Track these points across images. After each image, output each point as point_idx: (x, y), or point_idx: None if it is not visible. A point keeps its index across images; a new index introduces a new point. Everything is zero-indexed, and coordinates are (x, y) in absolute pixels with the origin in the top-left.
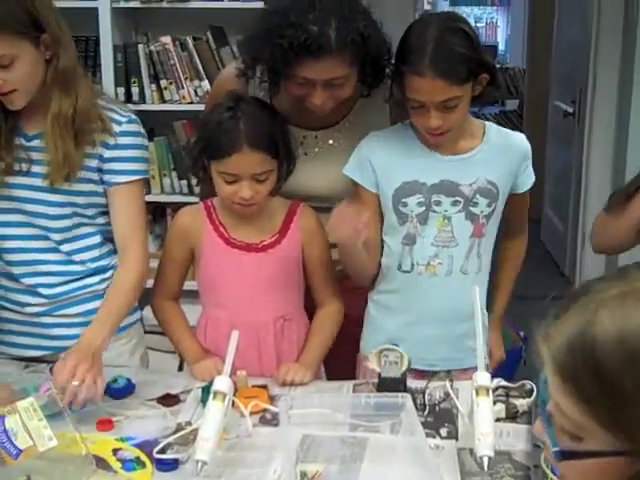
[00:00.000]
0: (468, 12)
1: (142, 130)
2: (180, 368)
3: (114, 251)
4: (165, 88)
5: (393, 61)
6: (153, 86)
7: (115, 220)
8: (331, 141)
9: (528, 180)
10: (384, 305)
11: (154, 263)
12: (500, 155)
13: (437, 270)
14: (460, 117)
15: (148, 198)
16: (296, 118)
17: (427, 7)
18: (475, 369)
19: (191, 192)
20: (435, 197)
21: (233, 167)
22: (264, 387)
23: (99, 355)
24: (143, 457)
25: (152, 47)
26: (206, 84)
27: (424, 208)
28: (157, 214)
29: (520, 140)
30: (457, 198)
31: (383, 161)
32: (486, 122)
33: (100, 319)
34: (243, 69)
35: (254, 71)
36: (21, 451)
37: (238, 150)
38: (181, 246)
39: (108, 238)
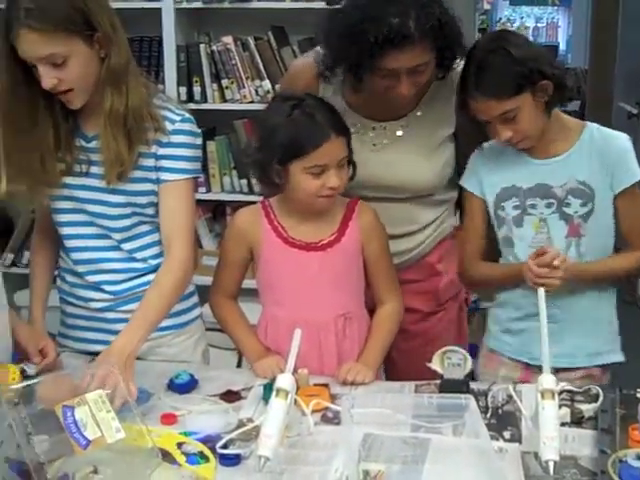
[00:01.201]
0: (528, 12)
1: (196, 130)
2: (239, 365)
3: None
4: (226, 87)
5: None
6: (214, 85)
7: (162, 218)
8: (399, 132)
9: (625, 179)
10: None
11: (212, 261)
12: (594, 155)
13: None
14: (530, 125)
15: (208, 196)
16: (365, 110)
17: (487, 7)
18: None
19: (251, 191)
20: (530, 200)
21: (323, 157)
22: (325, 386)
23: (132, 360)
24: (206, 451)
25: (214, 47)
26: (267, 84)
27: (519, 211)
28: (217, 213)
29: (618, 139)
30: (550, 200)
31: (487, 168)
32: (588, 123)
33: (134, 323)
34: (322, 70)
35: (334, 71)
36: (90, 442)
37: (327, 139)
38: (239, 246)
39: None
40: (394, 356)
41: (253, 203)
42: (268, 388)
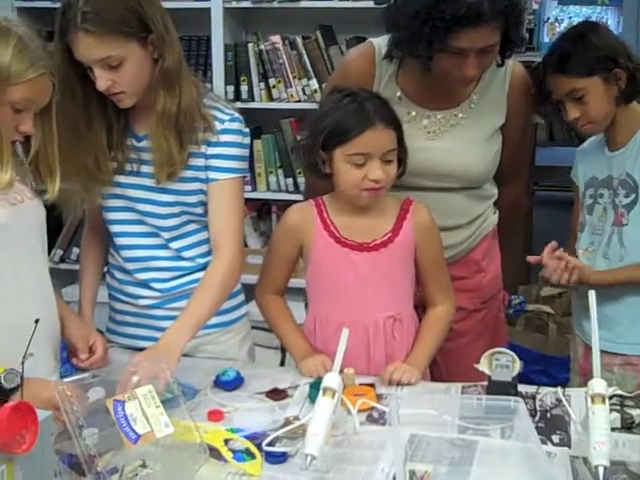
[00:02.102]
0: (577, 11)
1: (244, 129)
2: (282, 363)
3: None
4: (273, 86)
5: None
6: (262, 84)
7: (210, 217)
8: (453, 121)
9: None
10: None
11: (257, 260)
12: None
13: (590, 255)
14: (596, 109)
15: (254, 195)
16: (420, 98)
17: (535, 7)
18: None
19: (297, 190)
20: (600, 190)
21: (365, 145)
22: (371, 385)
23: (177, 355)
24: (253, 448)
25: (262, 46)
26: (314, 83)
27: (592, 200)
28: (262, 211)
29: None
30: (611, 190)
31: (583, 160)
32: None
33: (182, 320)
34: (389, 50)
35: (403, 50)
36: (140, 436)
37: (370, 126)
38: (289, 243)
39: None
40: (436, 355)
41: (298, 202)
42: (314, 387)
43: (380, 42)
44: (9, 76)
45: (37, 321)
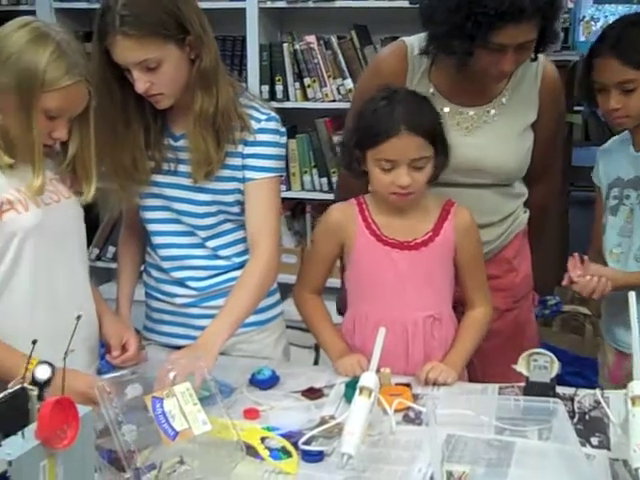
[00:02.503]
0: (613, 10)
1: (281, 128)
2: (316, 362)
3: None
4: (308, 86)
5: None
6: (297, 84)
7: (248, 216)
8: (486, 117)
9: None
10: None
11: (291, 259)
12: None
13: (619, 257)
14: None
15: (288, 195)
16: (453, 95)
17: (570, 5)
18: None
19: (331, 189)
20: (626, 191)
21: (391, 152)
22: (407, 386)
23: (215, 353)
24: (289, 447)
25: (297, 46)
26: (349, 82)
27: (617, 201)
28: (296, 211)
29: None
30: (639, 191)
31: (605, 159)
32: None
33: (220, 319)
34: (425, 46)
35: (440, 45)
36: (178, 433)
37: (396, 133)
38: (330, 241)
39: None
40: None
41: (333, 202)
42: (350, 386)
43: (412, 40)
44: (43, 82)
45: (79, 317)
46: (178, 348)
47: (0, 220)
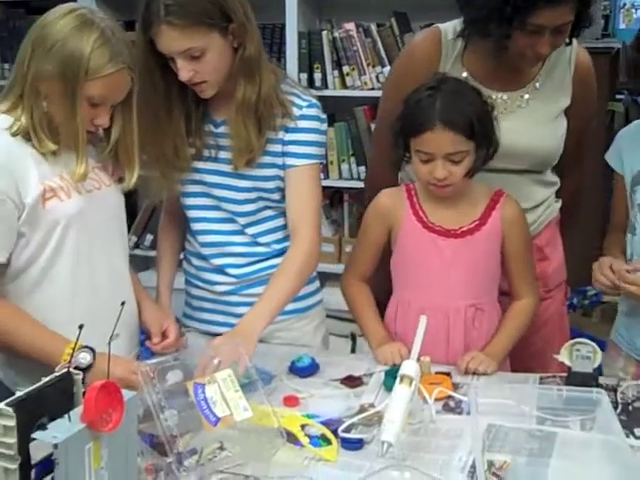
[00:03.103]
0: None
1: (322, 115)
2: (352, 351)
3: None
4: (347, 74)
5: None
6: (335, 72)
7: (288, 203)
8: (519, 102)
9: None
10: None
11: (329, 248)
12: None
13: None
14: None
15: (326, 183)
16: (486, 80)
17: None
18: None
19: None
20: None
21: (427, 145)
22: (447, 374)
23: (255, 340)
24: (329, 434)
25: (336, 34)
26: (388, 70)
27: None
28: (334, 199)
29: None
30: None
31: (629, 146)
32: None
33: (260, 305)
34: (461, 30)
35: (477, 29)
36: (219, 419)
37: (431, 128)
38: (379, 226)
39: None
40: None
41: None
42: (390, 375)
43: (446, 26)
44: (87, 70)
45: (123, 303)
46: (217, 335)
47: (43, 208)
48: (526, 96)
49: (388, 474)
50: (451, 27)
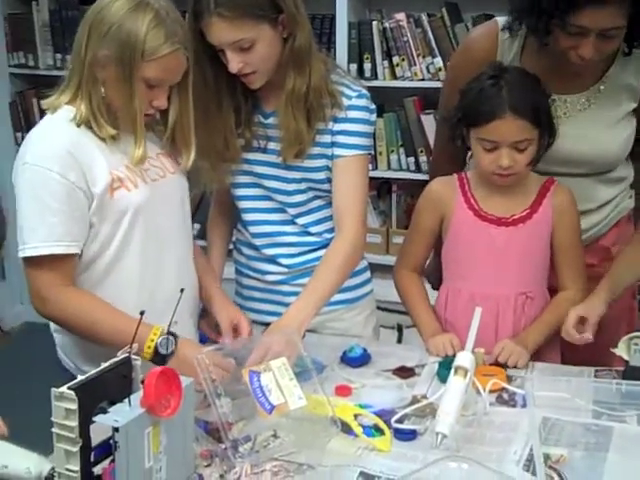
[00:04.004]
0: None
1: (371, 105)
2: (399, 341)
3: None
4: (397, 65)
5: None
6: (385, 62)
7: (334, 194)
8: (581, 106)
9: None
10: None
11: (376, 239)
12: None
13: None
14: None
15: (374, 174)
16: (546, 81)
17: None
18: None
19: (418, 169)
20: None
21: (494, 134)
22: (502, 366)
23: (300, 333)
24: (382, 425)
25: (386, 24)
26: (439, 61)
27: None
28: (382, 190)
29: None
30: None
31: None
32: None
33: (304, 296)
34: (510, 23)
35: (522, 21)
36: (274, 407)
37: (500, 116)
38: (430, 214)
39: None
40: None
41: (419, 182)
42: (444, 366)
43: (504, 21)
44: (143, 52)
45: (182, 290)
46: (267, 325)
47: (111, 198)
48: (590, 100)
49: (445, 465)
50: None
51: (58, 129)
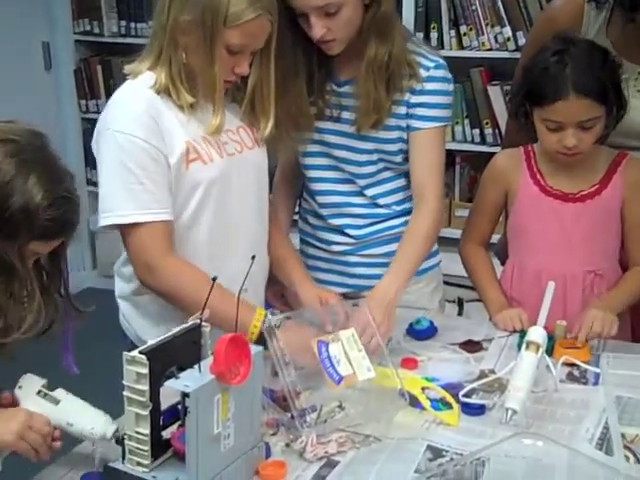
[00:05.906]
0: None
1: (448, 76)
2: (459, 314)
3: None
4: (464, 34)
5: None
6: (452, 32)
7: (413, 166)
8: None
9: None
10: None
11: None
12: None
13: None
14: None
15: None
16: (631, 53)
17: None
18: None
19: (483, 141)
20: None
21: (557, 114)
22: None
23: (393, 306)
24: (449, 398)
25: None
26: (507, 30)
27: None
28: (447, 162)
29: None
30: None
31: None
32: None
33: (393, 269)
34: None
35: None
36: (343, 378)
37: (564, 97)
38: (495, 188)
39: None
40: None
41: (484, 154)
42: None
43: None
44: (226, 17)
45: (253, 257)
46: None
47: (186, 170)
48: None
49: (519, 442)
50: None
51: (139, 95)
